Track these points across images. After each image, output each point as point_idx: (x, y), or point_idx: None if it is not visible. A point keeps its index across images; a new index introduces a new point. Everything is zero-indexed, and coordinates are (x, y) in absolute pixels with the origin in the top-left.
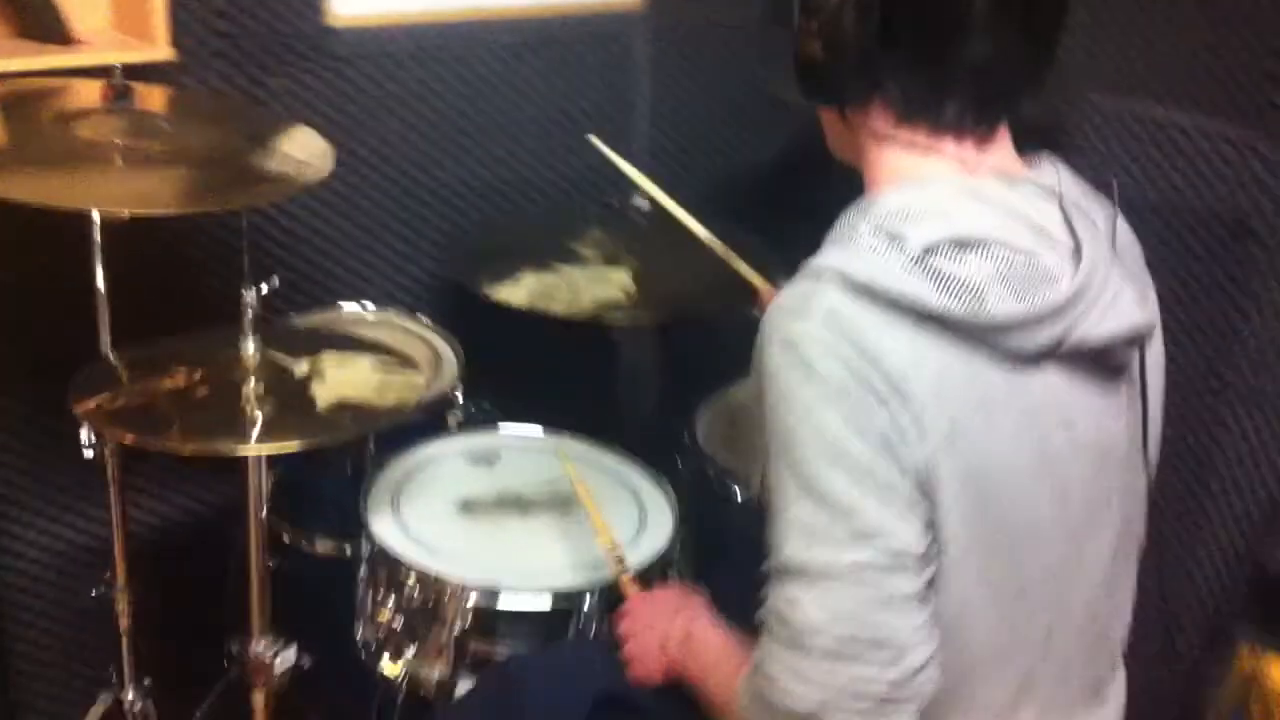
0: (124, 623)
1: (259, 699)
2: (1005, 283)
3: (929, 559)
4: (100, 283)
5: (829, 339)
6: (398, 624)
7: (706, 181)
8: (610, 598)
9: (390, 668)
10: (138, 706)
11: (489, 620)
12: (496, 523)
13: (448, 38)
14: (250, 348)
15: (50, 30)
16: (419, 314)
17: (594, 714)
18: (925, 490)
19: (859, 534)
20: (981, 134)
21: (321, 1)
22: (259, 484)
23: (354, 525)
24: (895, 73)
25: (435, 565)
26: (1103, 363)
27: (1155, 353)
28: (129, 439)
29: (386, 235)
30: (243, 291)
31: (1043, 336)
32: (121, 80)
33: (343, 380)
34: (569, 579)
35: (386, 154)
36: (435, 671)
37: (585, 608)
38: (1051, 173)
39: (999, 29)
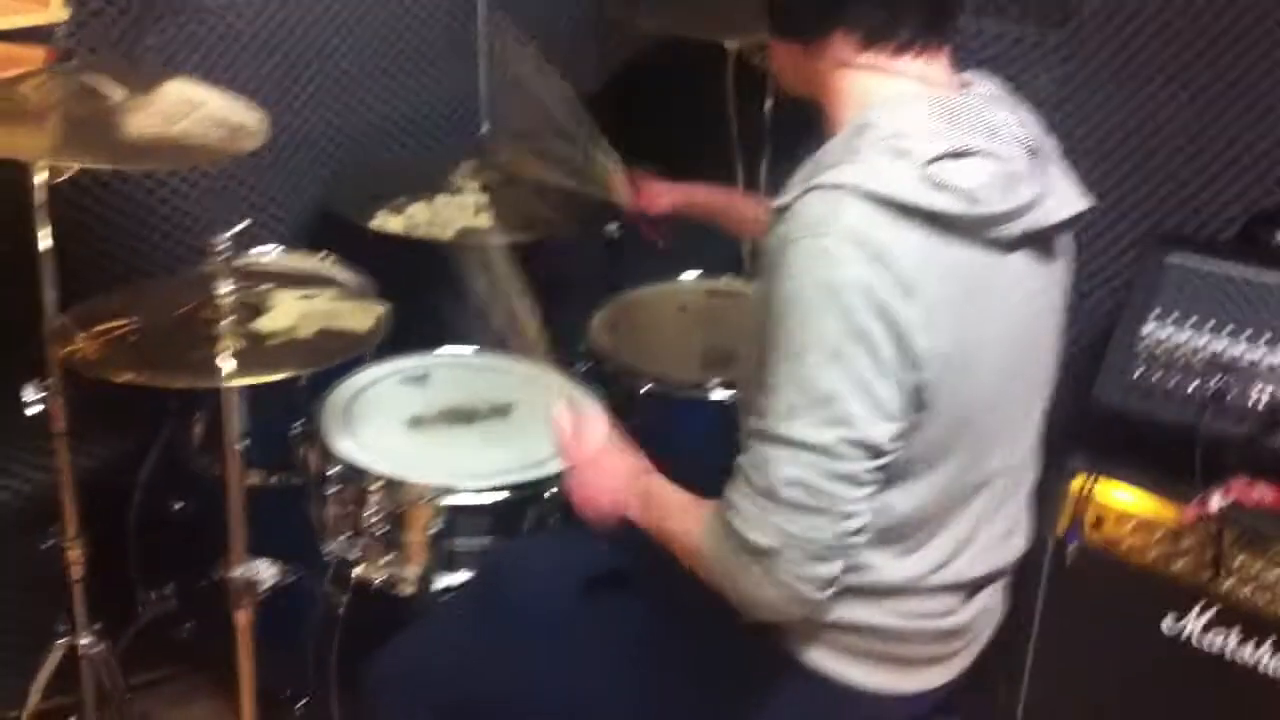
0: (76, 571)
1: (242, 619)
2: (992, 183)
3: (890, 451)
4: (45, 243)
5: (847, 251)
6: (370, 533)
7: None
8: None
9: (368, 573)
10: (94, 650)
11: (456, 518)
12: (446, 433)
13: None
14: (222, 288)
15: None
16: (324, 252)
17: (588, 595)
18: (919, 385)
19: (835, 420)
20: (933, 51)
21: None
22: (233, 418)
23: (279, 456)
24: (856, 3)
25: (400, 473)
26: (1048, 244)
27: None
28: (127, 377)
29: (267, 180)
30: (214, 236)
31: (1019, 227)
32: (65, 41)
33: (300, 312)
34: (526, 473)
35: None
36: (409, 572)
37: (546, 496)
38: (988, 82)
39: None
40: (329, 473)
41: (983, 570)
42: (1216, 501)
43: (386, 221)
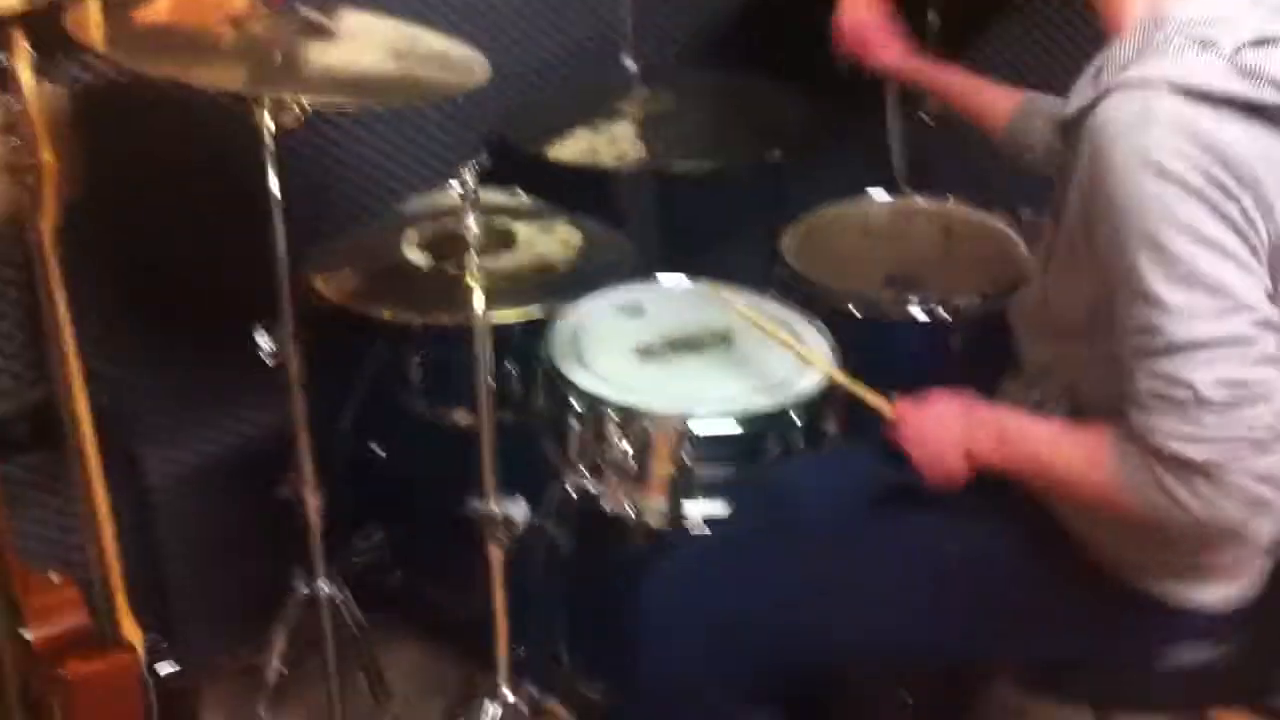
0: (315, 519)
1: (496, 557)
2: None
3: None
4: (275, 187)
5: (1176, 142)
6: (616, 466)
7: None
8: (813, 412)
9: (615, 507)
10: (338, 598)
11: (704, 446)
12: (677, 362)
13: None
14: (471, 222)
15: None
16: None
17: (872, 510)
18: (1272, 263)
19: (1230, 309)
20: None
21: None
22: (485, 353)
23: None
24: None
25: (647, 402)
26: None
27: None
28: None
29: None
30: (460, 170)
31: None
32: None
33: (542, 243)
34: (767, 398)
35: None
36: (658, 504)
37: (789, 420)
38: None
39: None
40: (574, 407)
41: None
42: None
43: (563, 151)
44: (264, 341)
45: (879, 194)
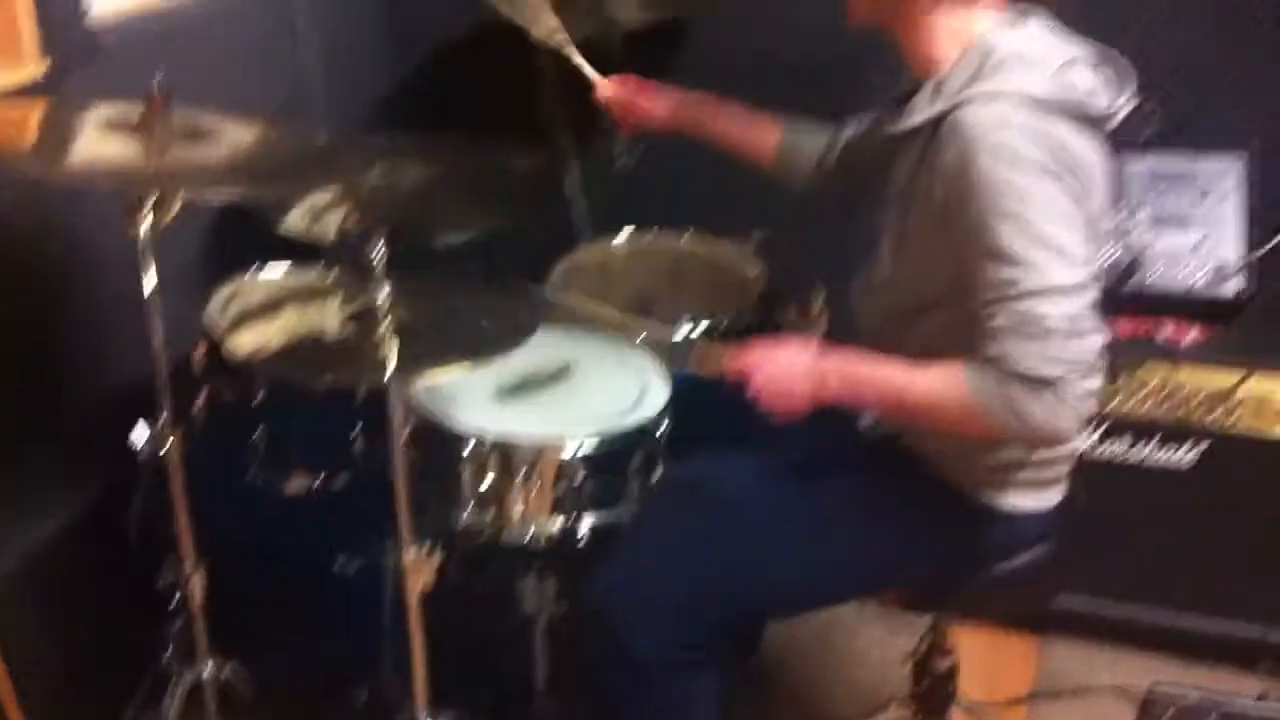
0: (197, 600)
1: (415, 602)
2: (1097, 85)
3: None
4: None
5: (1030, 137)
6: (511, 497)
7: None
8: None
9: (536, 527)
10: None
11: (586, 465)
12: (535, 397)
13: None
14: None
15: None
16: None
17: (776, 482)
18: (1091, 234)
19: (1070, 263)
20: None
21: None
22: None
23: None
24: None
25: (528, 433)
26: None
27: None
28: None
29: None
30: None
31: (1115, 120)
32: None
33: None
34: (631, 416)
35: None
36: (553, 522)
37: (658, 429)
38: (1040, 9)
39: None
40: (459, 449)
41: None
42: None
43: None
44: (140, 435)
45: (624, 233)
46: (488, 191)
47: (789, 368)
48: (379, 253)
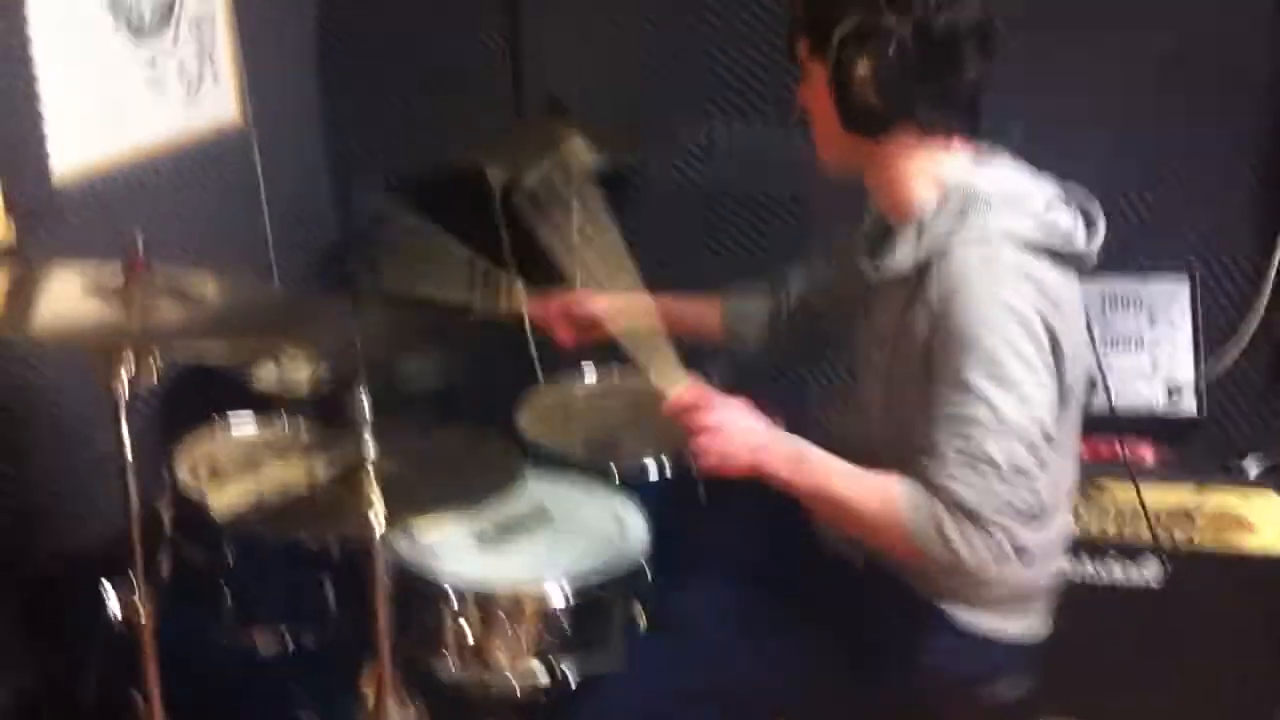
0: None
1: None
2: (1075, 225)
3: (1053, 441)
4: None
5: (1016, 283)
6: (494, 646)
7: None
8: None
9: (531, 675)
10: None
11: (575, 610)
12: (515, 542)
13: None
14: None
15: None
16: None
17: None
18: (1066, 384)
19: (1030, 414)
20: (965, 136)
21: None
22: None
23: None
24: (924, 101)
25: (519, 580)
26: None
27: None
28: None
29: None
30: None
31: (1092, 258)
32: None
33: None
34: (615, 554)
35: None
36: (541, 669)
37: (646, 568)
38: (1001, 152)
39: (980, 55)
40: (444, 599)
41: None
42: None
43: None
44: (112, 600)
45: (583, 372)
46: (448, 335)
47: (738, 422)
48: (363, 406)
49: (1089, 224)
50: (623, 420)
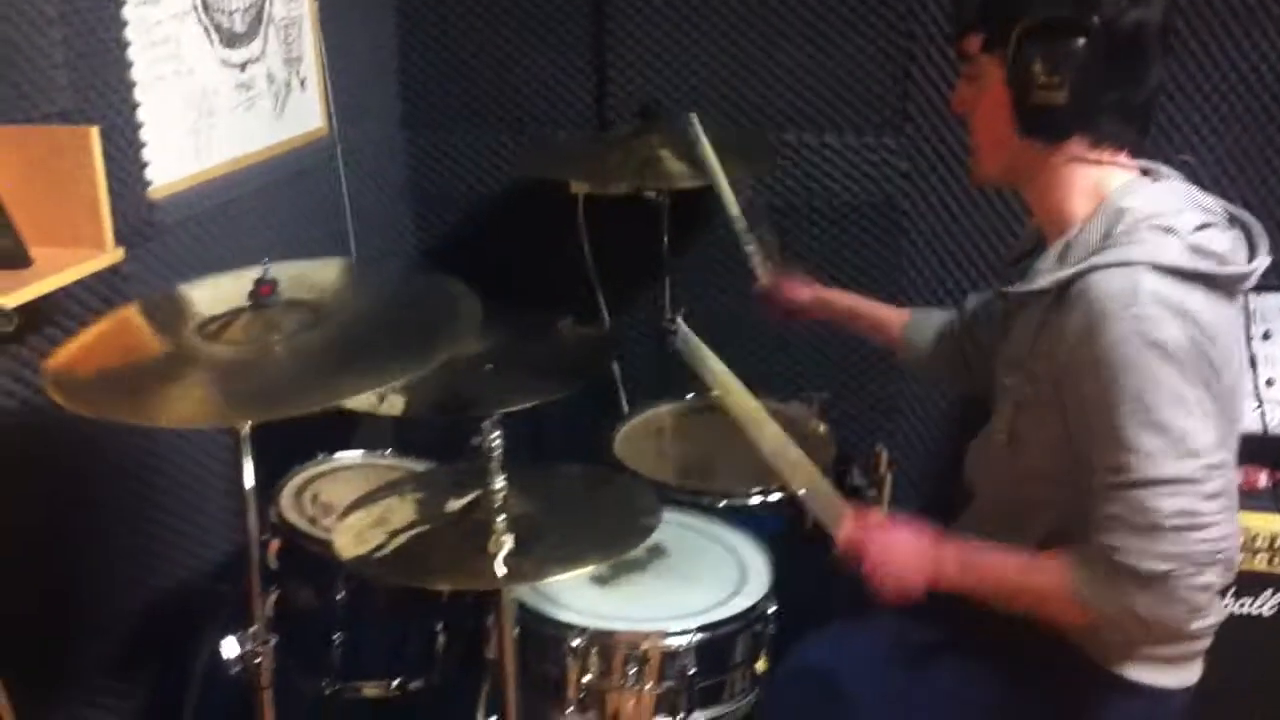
0: None
1: None
2: (1232, 247)
3: (1224, 467)
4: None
5: (1159, 313)
6: (614, 695)
7: None
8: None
9: None
10: None
11: (700, 656)
12: (632, 581)
13: None
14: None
15: (14, 256)
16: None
17: (900, 673)
18: (1224, 408)
19: (1189, 453)
20: (1135, 150)
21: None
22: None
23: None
24: (1105, 111)
25: (646, 625)
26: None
27: None
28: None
29: None
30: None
31: (1251, 281)
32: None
33: None
34: (738, 597)
35: None
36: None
37: (769, 611)
38: (1168, 168)
39: (1159, 62)
40: (565, 644)
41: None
42: None
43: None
44: (229, 648)
45: (677, 399)
46: (547, 362)
47: (905, 547)
48: (496, 441)
49: (1251, 244)
50: (715, 445)
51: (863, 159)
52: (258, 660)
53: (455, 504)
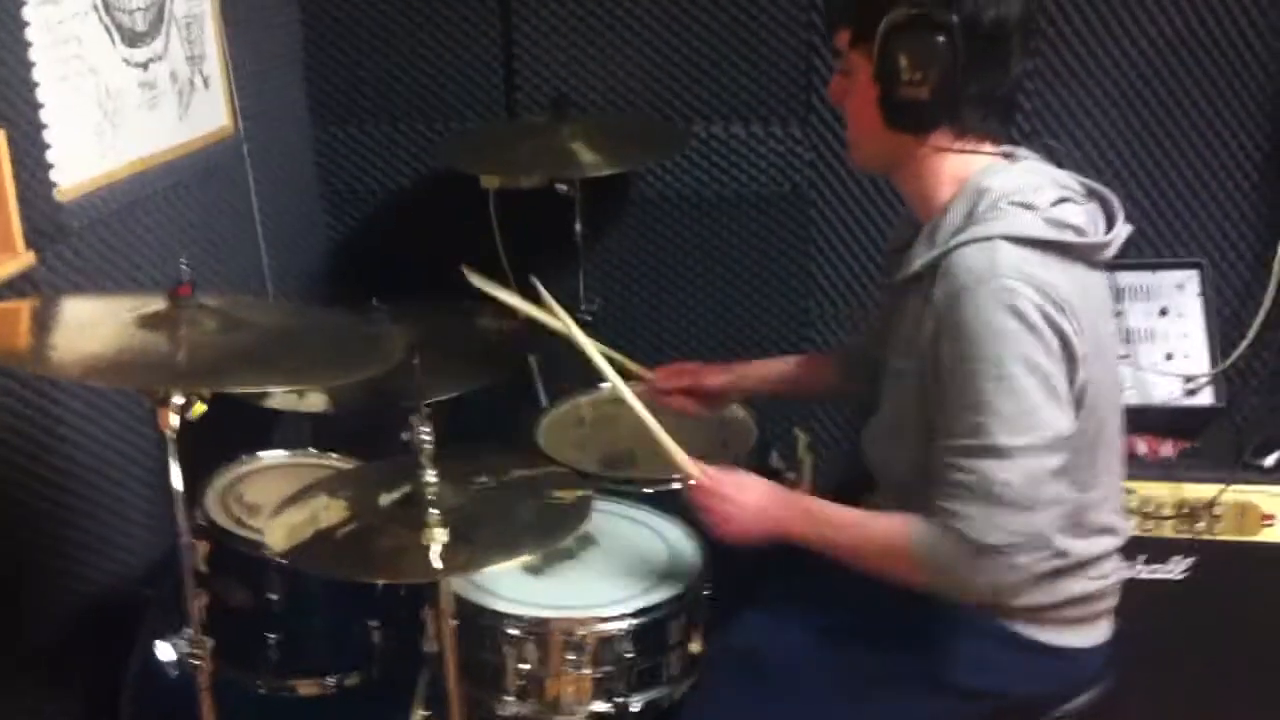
0: None
1: None
2: (1088, 219)
3: (1070, 442)
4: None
5: (1016, 284)
6: (553, 681)
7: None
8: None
9: (586, 710)
10: None
11: (636, 639)
12: (564, 570)
13: None
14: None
15: None
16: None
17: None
18: (1078, 380)
19: (1038, 424)
20: (998, 137)
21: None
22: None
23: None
24: (968, 104)
25: (585, 613)
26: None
27: None
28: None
29: None
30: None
31: (1110, 250)
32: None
33: None
34: (671, 581)
35: None
36: (602, 706)
37: (703, 594)
38: (1024, 149)
39: (1020, 55)
40: (503, 635)
41: (1125, 539)
42: None
43: None
44: (165, 652)
45: (596, 389)
46: (465, 354)
47: (749, 501)
48: (426, 435)
49: (1108, 216)
50: (637, 435)
51: (769, 149)
52: (198, 662)
53: (387, 498)
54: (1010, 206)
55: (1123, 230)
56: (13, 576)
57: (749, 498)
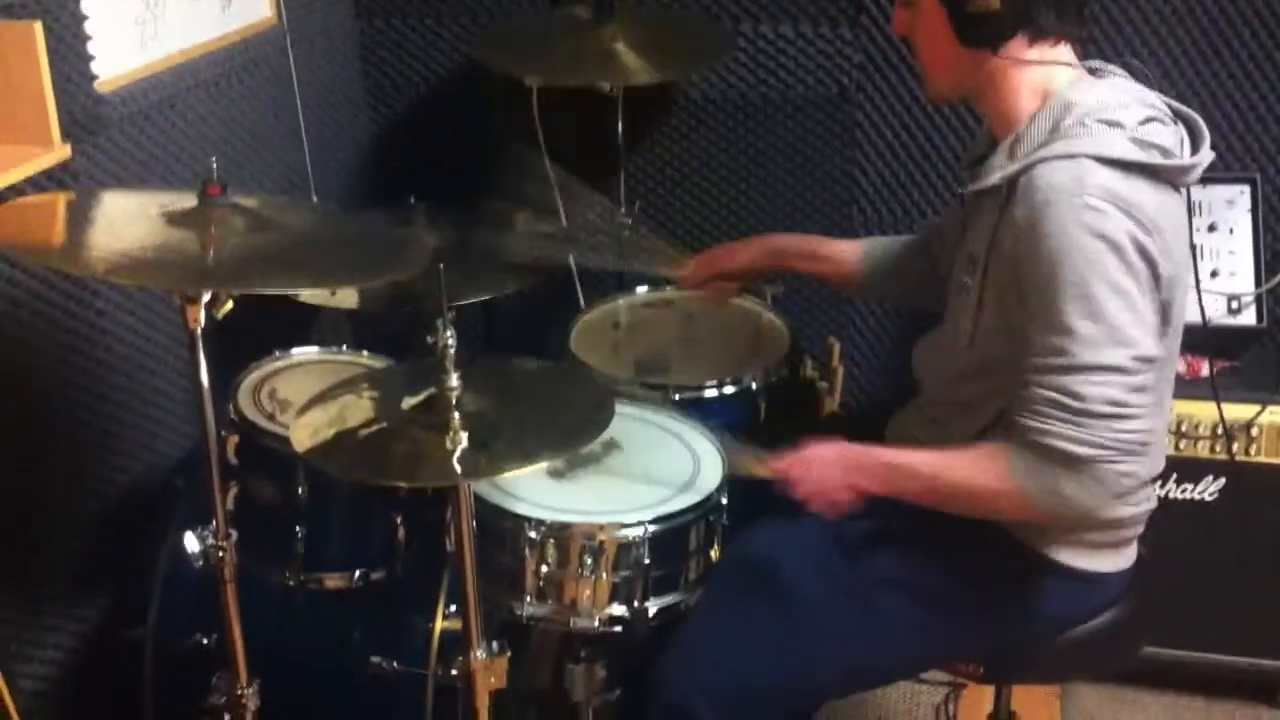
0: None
1: (483, 701)
2: (1175, 140)
3: (1156, 364)
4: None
5: (1103, 204)
6: (572, 584)
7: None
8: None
9: (603, 613)
10: None
11: (654, 546)
12: (588, 475)
13: None
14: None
15: None
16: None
17: (846, 558)
18: (1162, 301)
19: (1126, 342)
20: (1074, 40)
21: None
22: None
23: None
24: (1039, 5)
25: (605, 518)
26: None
27: None
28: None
29: None
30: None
31: (1195, 174)
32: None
33: None
34: (692, 489)
35: None
36: (619, 610)
37: (722, 503)
38: (1113, 65)
39: None
40: (523, 536)
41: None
42: None
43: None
44: (191, 543)
45: (630, 293)
46: (495, 259)
47: (825, 470)
48: (450, 339)
49: (1194, 138)
50: (671, 339)
51: (818, 50)
52: (221, 554)
53: (411, 401)
54: (1097, 124)
55: (1208, 154)
56: (51, 465)
57: (826, 476)
